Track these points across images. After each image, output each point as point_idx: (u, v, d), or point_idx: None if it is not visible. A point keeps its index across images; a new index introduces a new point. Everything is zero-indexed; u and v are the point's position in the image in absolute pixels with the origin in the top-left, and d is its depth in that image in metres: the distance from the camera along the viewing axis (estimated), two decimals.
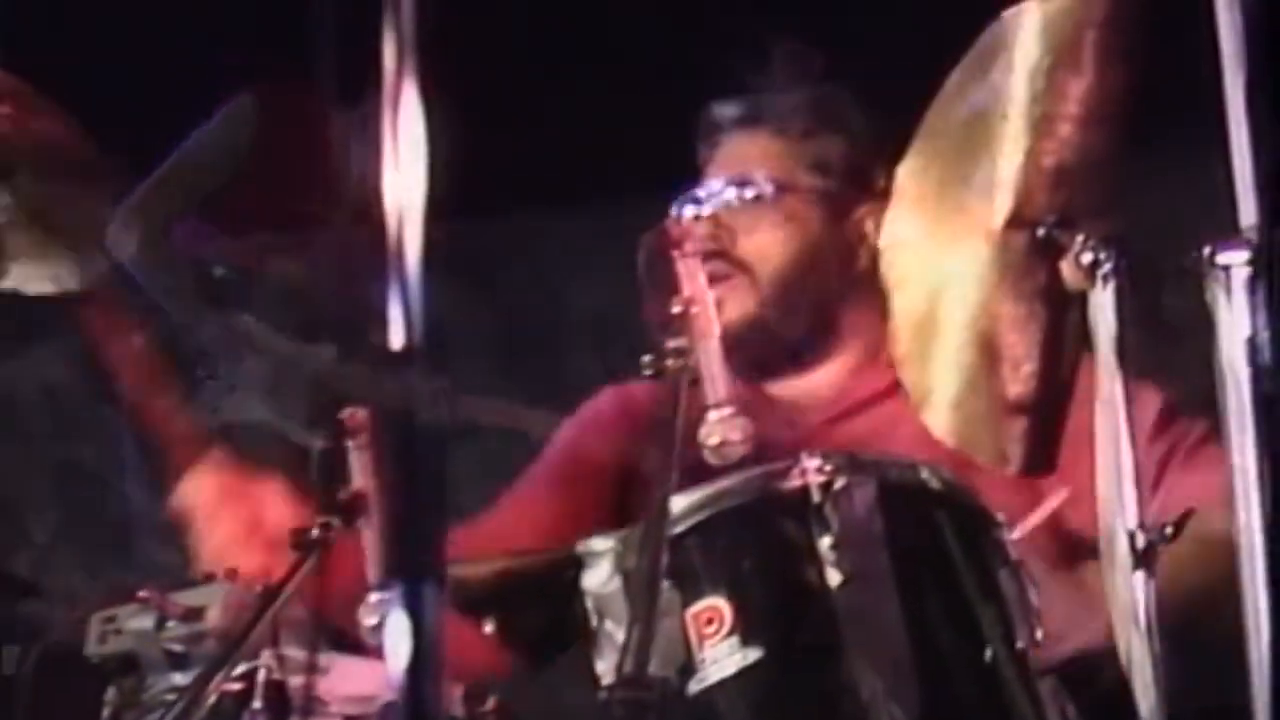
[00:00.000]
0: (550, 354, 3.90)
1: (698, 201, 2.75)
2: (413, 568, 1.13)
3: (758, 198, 2.85)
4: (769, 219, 2.89)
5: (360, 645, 2.32)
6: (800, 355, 2.92)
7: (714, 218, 2.82)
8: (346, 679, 2.32)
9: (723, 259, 2.85)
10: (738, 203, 2.84)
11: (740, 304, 2.84)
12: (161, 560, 4.01)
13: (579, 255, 3.90)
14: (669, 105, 3.00)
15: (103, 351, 2.67)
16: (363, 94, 1.12)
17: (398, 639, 1.12)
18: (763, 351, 2.89)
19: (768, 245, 2.88)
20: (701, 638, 2.06)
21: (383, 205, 1.15)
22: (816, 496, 2.08)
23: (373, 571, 2.29)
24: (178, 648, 2.46)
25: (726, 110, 2.98)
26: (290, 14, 1.24)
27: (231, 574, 2.48)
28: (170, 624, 2.47)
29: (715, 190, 2.82)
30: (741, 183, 2.87)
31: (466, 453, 2.97)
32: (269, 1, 2.15)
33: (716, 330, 2.18)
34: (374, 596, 2.28)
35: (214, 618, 2.47)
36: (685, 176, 2.85)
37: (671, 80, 3.28)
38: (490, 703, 2.23)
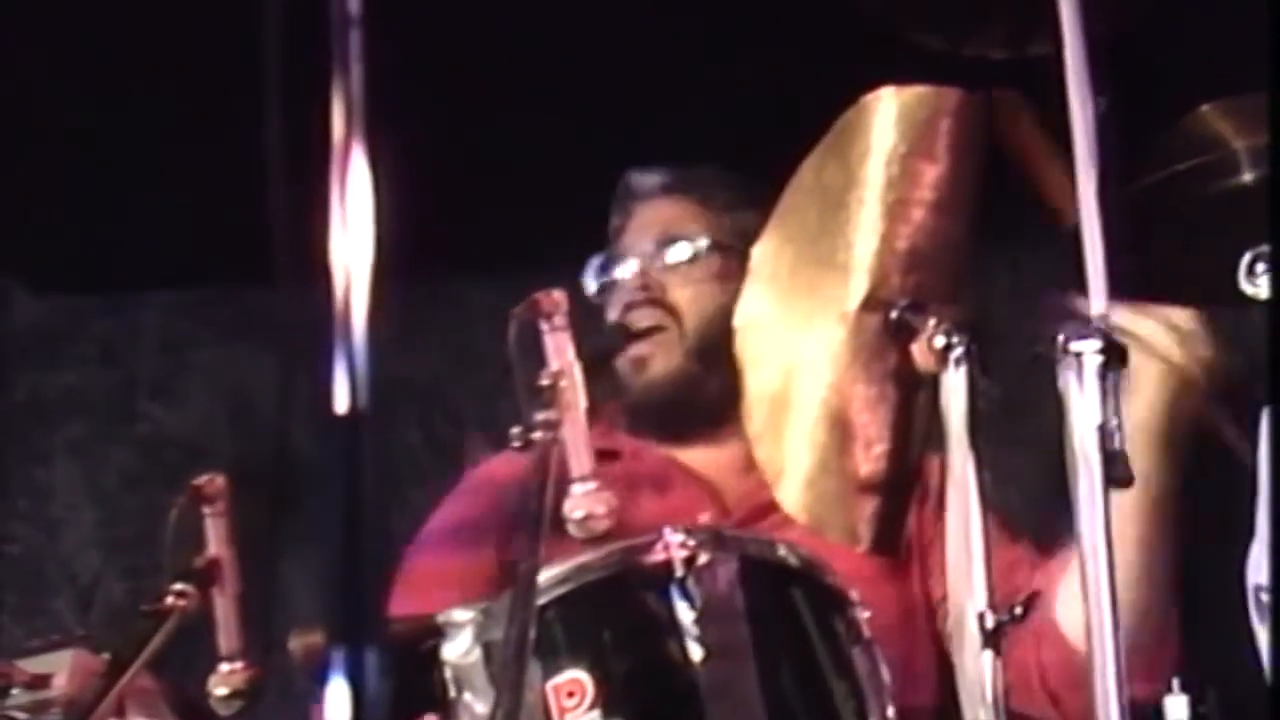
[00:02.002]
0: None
1: (620, 260, 2.85)
2: (355, 634, 1.11)
3: (693, 257, 2.92)
4: (699, 273, 2.94)
5: (209, 715, 2.29)
6: (714, 418, 2.92)
7: (644, 272, 2.94)
8: None
9: (654, 306, 2.92)
10: (669, 260, 2.94)
11: (666, 357, 2.90)
12: None
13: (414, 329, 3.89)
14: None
15: None
16: (311, 161, 1.13)
17: (338, 709, 1.10)
18: (679, 411, 2.93)
19: (697, 296, 2.93)
20: (562, 711, 2.06)
21: (330, 269, 1.15)
22: (680, 571, 2.09)
23: (224, 641, 2.26)
24: (22, 716, 2.41)
25: (649, 178, 3.05)
26: (239, 85, 1.24)
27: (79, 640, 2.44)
28: (15, 691, 2.42)
29: (647, 249, 2.91)
30: (673, 239, 2.94)
31: None
32: (218, 72, 2.15)
33: (583, 403, 2.18)
34: (224, 666, 2.25)
35: (60, 685, 2.43)
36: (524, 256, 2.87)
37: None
38: None
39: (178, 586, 2.25)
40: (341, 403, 1.13)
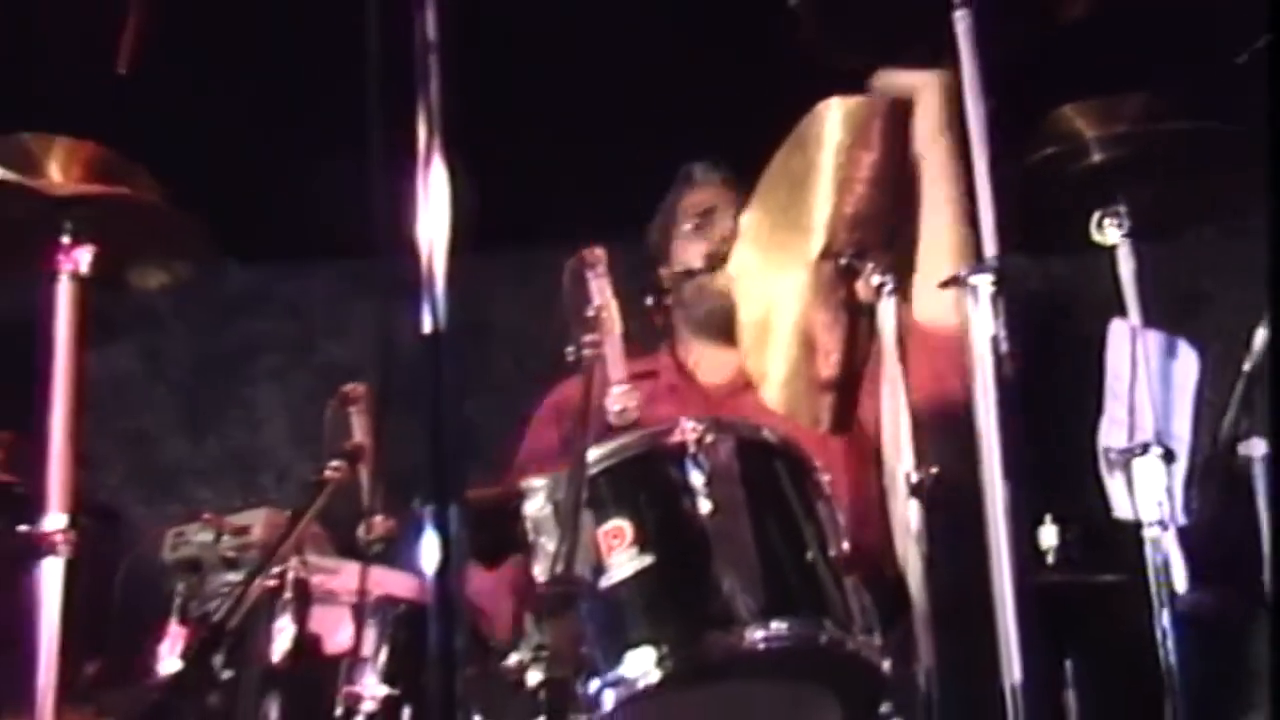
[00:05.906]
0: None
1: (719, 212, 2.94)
2: (442, 495, 1.11)
3: None
4: None
5: (364, 555, 2.29)
6: None
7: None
8: (354, 578, 2.29)
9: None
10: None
11: None
12: (198, 496, 3.96)
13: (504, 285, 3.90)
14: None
15: None
16: (404, 158, 1.12)
17: (429, 551, 1.10)
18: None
19: None
20: (609, 549, 2.04)
21: (417, 238, 1.14)
22: (692, 448, 2.08)
23: (368, 502, 2.27)
24: (230, 554, 2.44)
25: (714, 172, 3.07)
26: (349, 99, 1.23)
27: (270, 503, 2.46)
28: (225, 537, 2.45)
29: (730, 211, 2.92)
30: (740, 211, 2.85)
31: None
32: (332, 91, 2.14)
33: (619, 329, 2.17)
34: (377, 519, 2.25)
35: (257, 533, 2.46)
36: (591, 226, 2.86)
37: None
38: None
39: (333, 463, 2.26)
40: (427, 326, 1.13)
